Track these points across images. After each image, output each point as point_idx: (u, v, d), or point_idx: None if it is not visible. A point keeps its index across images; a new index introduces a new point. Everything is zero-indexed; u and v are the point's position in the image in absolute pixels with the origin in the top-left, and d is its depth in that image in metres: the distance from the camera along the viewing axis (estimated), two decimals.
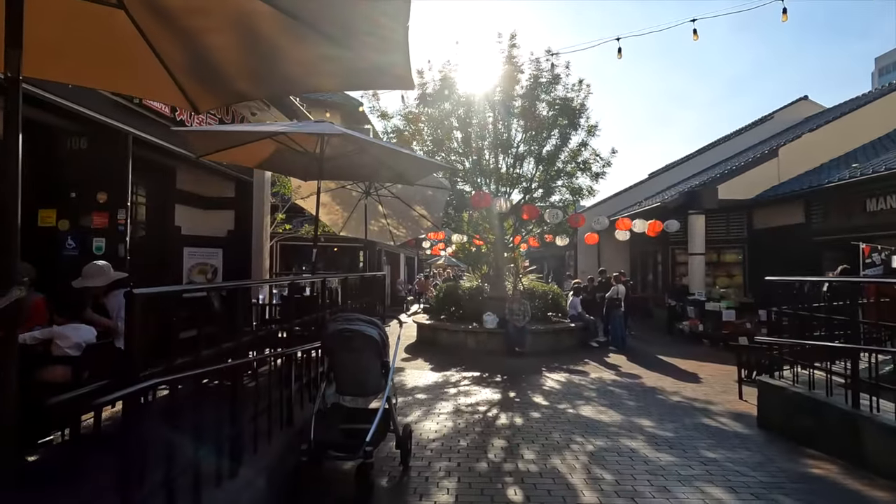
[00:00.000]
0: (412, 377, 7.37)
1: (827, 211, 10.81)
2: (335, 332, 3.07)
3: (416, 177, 4.95)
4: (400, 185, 7.37)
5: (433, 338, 10.59)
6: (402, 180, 5.19)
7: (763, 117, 18.81)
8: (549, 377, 7.38)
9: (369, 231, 8.24)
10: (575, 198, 12.20)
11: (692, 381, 7.17)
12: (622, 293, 10.60)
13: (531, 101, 11.03)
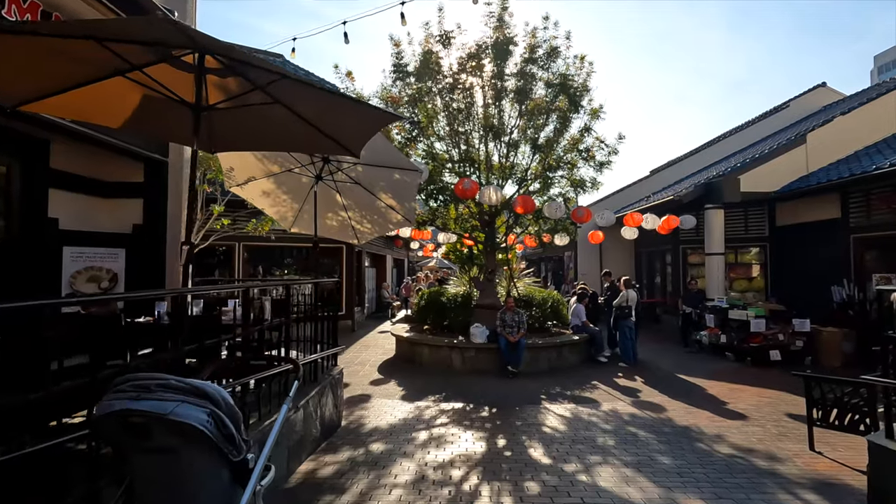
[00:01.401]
0: (376, 411, 5.80)
1: (870, 203, 9.31)
2: (108, 416, 1.47)
3: (356, 138, 3.41)
4: (360, 168, 5.83)
5: (412, 354, 9.02)
6: (336, 150, 3.65)
7: (778, 106, 17.36)
8: (551, 411, 5.82)
9: (328, 227, 6.69)
10: (577, 191, 10.65)
11: (733, 415, 5.62)
12: (633, 300, 9.06)
13: (526, 79, 9.51)
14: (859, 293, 9.30)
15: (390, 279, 21.05)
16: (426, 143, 9.89)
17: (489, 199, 7.68)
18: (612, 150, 10.26)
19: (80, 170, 4.90)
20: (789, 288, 11.18)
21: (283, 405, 1.94)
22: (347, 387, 7.13)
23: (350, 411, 5.77)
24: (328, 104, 3.25)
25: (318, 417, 4.29)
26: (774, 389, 6.92)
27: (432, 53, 9.16)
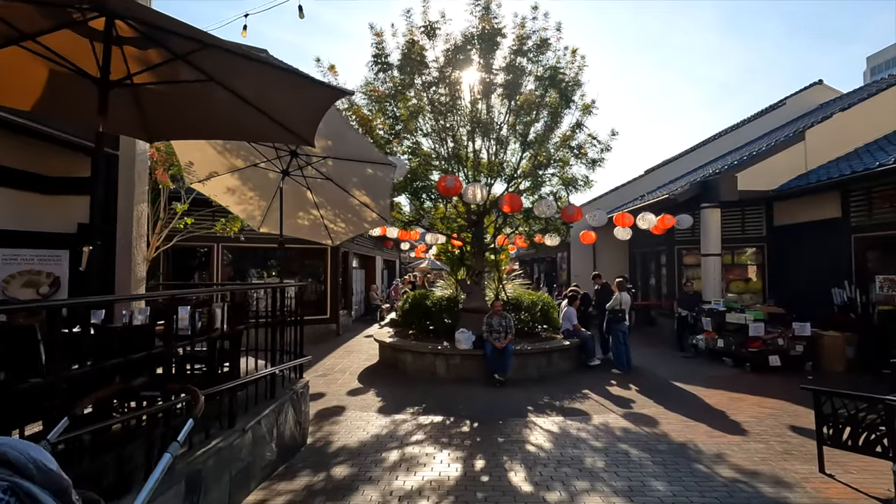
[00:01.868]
0: (347, 427, 5.34)
1: (871, 202, 8.94)
2: None
3: (305, 122, 2.97)
4: (331, 162, 5.39)
5: (395, 361, 8.56)
6: (287, 138, 3.20)
7: (775, 103, 17.04)
8: (537, 425, 5.38)
9: (299, 227, 6.25)
10: (569, 189, 10.22)
11: (733, 429, 5.20)
12: (626, 303, 8.65)
13: (515, 72, 9.09)
14: (861, 295, 8.92)
15: (380, 281, 20.58)
16: (411, 139, 9.46)
17: (473, 197, 7.25)
18: (604, 146, 9.88)
19: (12, 162, 4.42)
20: (788, 290, 10.81)
21: (166, 453, 1.49)
22: (322, 397, 6.68)
23: (319, 426, 5.31)
24: (267, 80, 2.81)
25: (273, 439, 3.84)
26: (776, 399, 6.52)
27: (415, 43, 8.71)
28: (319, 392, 7.00)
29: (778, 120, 16.37)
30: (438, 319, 8.66)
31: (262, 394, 3.97)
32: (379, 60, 8.32)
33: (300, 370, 4.86)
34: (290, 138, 3.19)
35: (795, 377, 7.88)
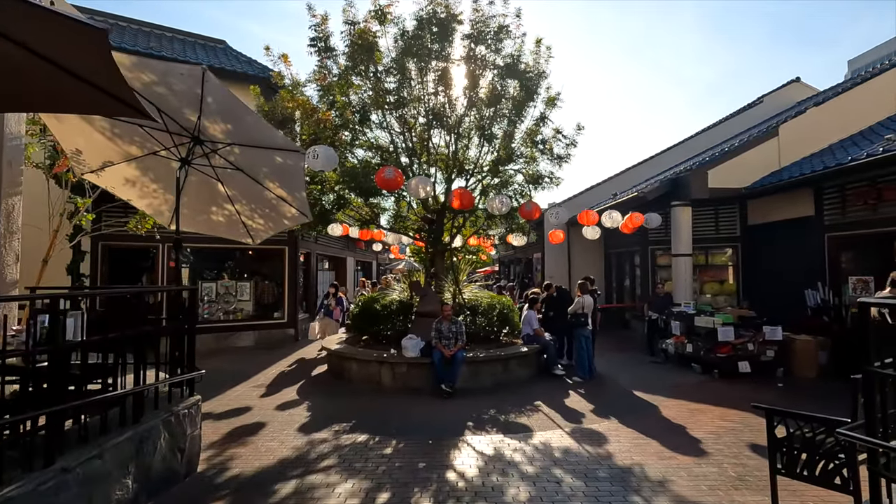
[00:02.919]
0: (257, 448, 4.72)
1: (845, 199, 8.52)
2: None
3: (99, 73, 2.32)
4: (237, 150, 4.77)
5: (341, 370, 7.95)
6: (84, 106, 2.57)
7: (753, 101, 16.73)
8: (470, 445, 4.80)
9: (214, 223, 5.62)
10: (535, 186, 9.68)
11: (687, 448, 4.67)
12: (589, 307, 8.12)
13: (472, 61, 8.54)
14: (834, 297, 8.50)
15: (352, 283, 19.89)
16: (360, 132, 8.85)
17: (416, 191, 6.66)
18: (570, 141, 9.37)
19: None
20: (762, 291, 10.39)
21: None
22: (246, 412, 6.05)
23: (222, 449, 4.68)
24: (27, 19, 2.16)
25: (129, 473, 3.21)
26: (740, 410, 6.02)
27: (367, 31, 8.11)
28: (245, 406, 6.37)
29: (755, 118, 16.06)
30: (388, 324, 8.05)
31: (117, 419, 3.33)
32: (317, 45, 7.69)
33: (191, 386, 4.22)
34: (88, 107, 2.56)
35: (765, 384, 7.44)
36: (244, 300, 11.96)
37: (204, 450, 4.59)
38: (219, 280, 11.81)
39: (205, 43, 13.53)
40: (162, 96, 4.13)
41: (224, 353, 10.38)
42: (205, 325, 11.30)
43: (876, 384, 2.02)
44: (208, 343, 11.12)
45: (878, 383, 2.02)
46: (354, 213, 9.46)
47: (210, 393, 6.93)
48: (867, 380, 2.05)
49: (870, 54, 79.54)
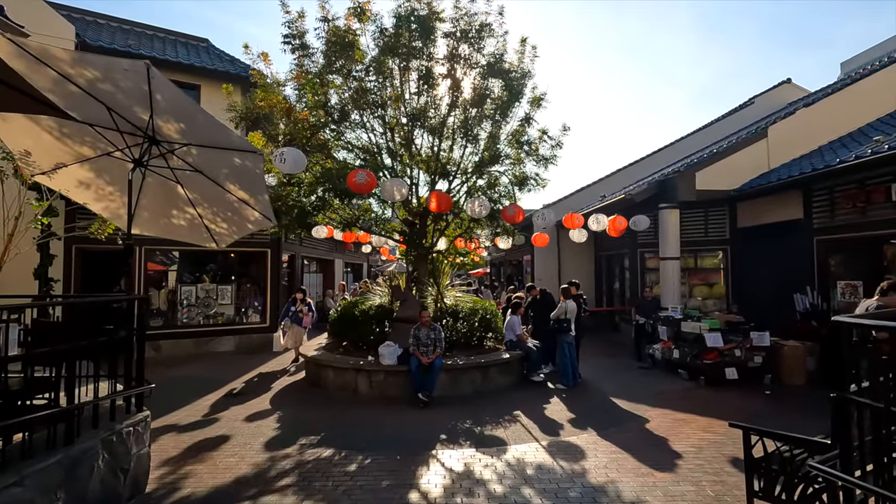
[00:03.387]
0: (215, 466, 4.48)
1: (834, 202, 8.36)
2: None
3: None
4: (195, 150, 4.53)
5: (317, 377, 7.72)
6: None
7: (743, 103, 16.61)
8: (440, 461, 4.58)
9: (176, 227, 5.37)
10: (521, 188, 9.48)
11: (666, 464, 4.47)
12: (572, 312, 7.92)
13: (454, 60, 8.33)
14: (822, 302, 8.34)
15: (340, 286, 19.59)
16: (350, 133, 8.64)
17: (391, 194, 6.43)
18: (556, 142, 9.18)
19: None
20: (752, 295, 10.22)
21: None
22: (212, 424, 5.81)
23: (177, 467, 4.44)
24: None
25: (59, 499, 2.97)
26: (724, 420, 5.74)
27: (348, 29, 7.89)
28: (213, 416, 6.12)
29: (747, 119, 15.93)
30: (366, 330, 7.82)
31: (58, 437, 3.09)
32: (291, 42, 7.45)
33: (139, 401, 3.98)
34: None
35: (752, 392, 7.26)
36: (225, 304, 11.69)
37: (158, 467, 4.35)
38: (199, 283, 11.53)
39: (187, 41, 13.25)
40: (109, 93, 3.88)
41: (202, 359, 10.11)
42: (184, 329, 11.06)
43: (853, 413, 1.81)
44: (187, 348, 10.86)
45: (856, 411, 1.81)
46: (336, 215, 9.22)
47: (180, 402, 6.69)
48: (842, 407, 1.85)
49: (862, 56, 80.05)
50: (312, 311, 9.67)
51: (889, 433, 1.73)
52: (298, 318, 9.34)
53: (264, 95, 7.40)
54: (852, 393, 1.83)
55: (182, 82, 11.75)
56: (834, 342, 7.62)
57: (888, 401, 1.61)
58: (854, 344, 1.88)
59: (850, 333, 1.87)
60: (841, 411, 1.85)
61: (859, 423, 1.90)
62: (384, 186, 6.46)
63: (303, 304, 9.46)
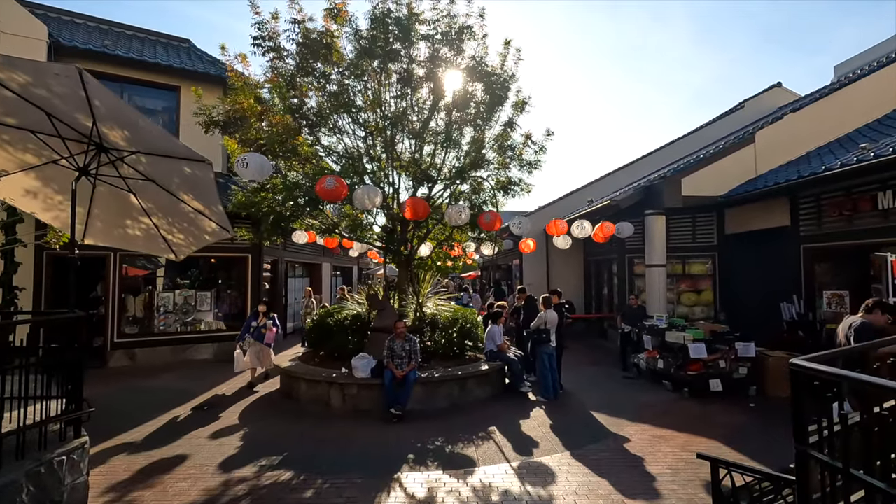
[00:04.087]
0: (164, 491, 4.24)
1: (821, 210, 8.21)
2: None
3: None
4: (144, 159, 4.30)
5: (290, 389, 7.48)
6: None
7: (733, 107, 16.49)
8: (402, 486, 4.36)
9: (131, 238, 5.14)
10: (505, 194, 9.28)
11: (639, 490, 4.26)
12: (552, 322, 7.71)
13: (434, 63, 8.13)
14: (809, 312, 8.18)
15: (329, 290, 19.34)
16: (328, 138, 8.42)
17: (363, 202, 6.21)
18: (539, 147, 9.00)
19: None
20: (740, 302, 10.07)
21: None
22: (170, 444, 5.54)
23: (125, 492, 4.20)
24: None
25: None
26: (705, 437, 5.64)
27: (327, 31, 7.68)
28: (175, 433, 5.87)
29: (736, 123, 15.81)
30: (341, 341, 7.59)
31: None
32: (261, 44, 7.22)
33: (76, 427, 3.74)
34: None
35: (737, 404, 7.08)
36: (204, 310, 11.43)
37: (101, 494, 4.12)
38: (177, 290, 11.26)
39: (167, 42, 13.00)
40: (45, 99, 3.67)
41: (178, 368, 9.84)
42: (160, 337, 10.79)
43: (811, 467, 1.61)
44: (164, 356, 10.60)
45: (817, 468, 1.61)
46: (315, 221, 8.99)
47: (145, 416, 6.45)
48: (801, 461, 1.64)
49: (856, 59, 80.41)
50: (277, 326, 8.49)
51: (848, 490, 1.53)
52: (261, 335, 8.27)
53: (235, 98, 7.17)
54: (812, 444, 1.63)
55: (161, 83, 11.53)
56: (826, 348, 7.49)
57: (846, 461, 1.41)
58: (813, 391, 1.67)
59: (808, 379, 1.67)
60: (801, 466, 1.64)
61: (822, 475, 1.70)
62: (355, 194, 6.24)
63: (266, 318, 8.37)
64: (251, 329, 8.28)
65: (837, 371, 1.50)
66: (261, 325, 8.26)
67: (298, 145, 7.45)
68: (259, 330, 8.24)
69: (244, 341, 8.22)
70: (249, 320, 8.52)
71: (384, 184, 8.70)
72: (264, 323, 8.28)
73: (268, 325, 8.26)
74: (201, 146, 9.82)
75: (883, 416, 1.54)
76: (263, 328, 8.24)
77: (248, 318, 8.75)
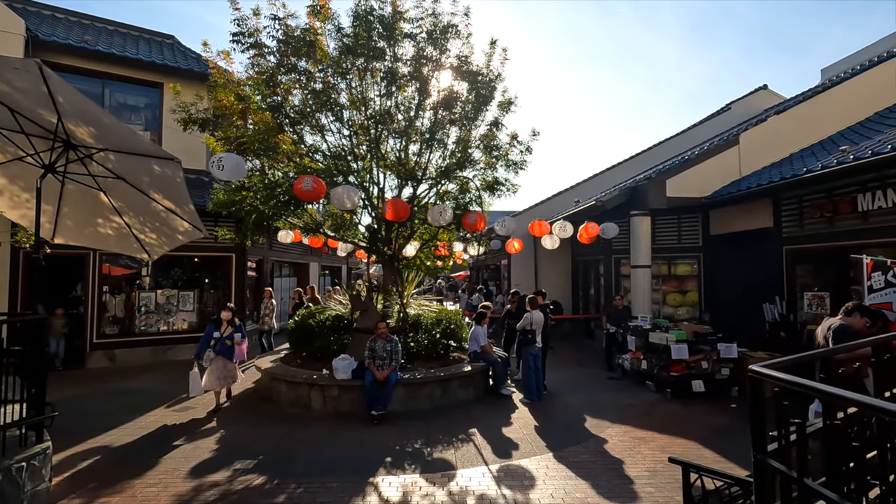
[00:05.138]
0: (130, 496, 4.14)
1: (802, 211, 8.26)
2: None
3: None
4: (113, 156, 4.20)
5: (270, 391, 7.38)
6: None
7: (720, 109, 16.60)
8: (378, 490, 4.30)
9: (102, 237, 5.03)
10: (491, 194, 9.25)
11: (617, 492, 4.24)
12: (538, 323, 7.69)
13: (418, 62, 8.07)
14: (790, 313, 8.23)
15: (318, 289, 19.16)
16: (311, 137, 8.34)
17: (342, 202, 6.13)
18: (525, 147, 8.98)
19: None
20: (724, 303, 10.12)
21: None
22: (149, 444, 5.43)
23: (92, 498, 4.09)
24: None
25: None
26: (686, 438, 5.64)
27: (310, 28, 7.58)
28: (151, 436, 5.76)
29: (723, 125, 15.91)
30: (324, 341, 7.51)
31: None
32: (240, 40, 7.11)
33: (38, 431, 3.63)
34: None
35: (718, 405, 7.11)
36: (186, 310, 11.27)
37: (68, 500, 4.01)
38: (159, 289, 11.09)
39: (150, 38, 12.80)
40: (7, 94, 3.55)
41: (159, 369, 9.68)
42: (141, 337, 10.62)
43: (770, 479, 1.58)
44: (145, 357, 10.44)
45: (777, 481, 1.57)
46: (298, 220, 8.89)
47: (120, 419, 6.32)
48: (759, 470, 1.61)
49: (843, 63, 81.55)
50: (245, 336, 6.92)
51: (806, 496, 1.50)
52: (227, 349, 6.63)
53: (215, 95, 7.06)
54: (770, 454, 1.60)
55: (143, 80, 11.35)
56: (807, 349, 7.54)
57: (801, 471, 1.38)
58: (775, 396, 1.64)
59: (771, 386, 1.64)
60: (759, 476, 1.61)
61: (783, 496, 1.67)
62: (334, 194, 6.15)
63: (231, 328, 6.72)
64: (212, 342, 6.63)
65: (792, 378, 1.47)
66: (225, 336, 6.65)
67: (280, 143, 7.34)
68: (223, 342, 6.63)
69: (202, 358, 6.58)
70: (209, 331, 6.72)
71: (369, 183, 8.63)
72: (230, 334, 6.67)
73: (235, 337, 6.69)
74: (185, 144, 9.84)
75: (837, 425, 1.50)
76: (229, 340, 6.65)
77: (207, 328, 6.83)
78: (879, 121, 9.00)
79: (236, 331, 6.76)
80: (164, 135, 11.13)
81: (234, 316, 6.84)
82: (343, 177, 7.94)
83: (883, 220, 6.86)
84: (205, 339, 6.70)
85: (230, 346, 6.66)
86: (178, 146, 9.44)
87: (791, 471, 1.45)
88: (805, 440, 1.43)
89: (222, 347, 6.64)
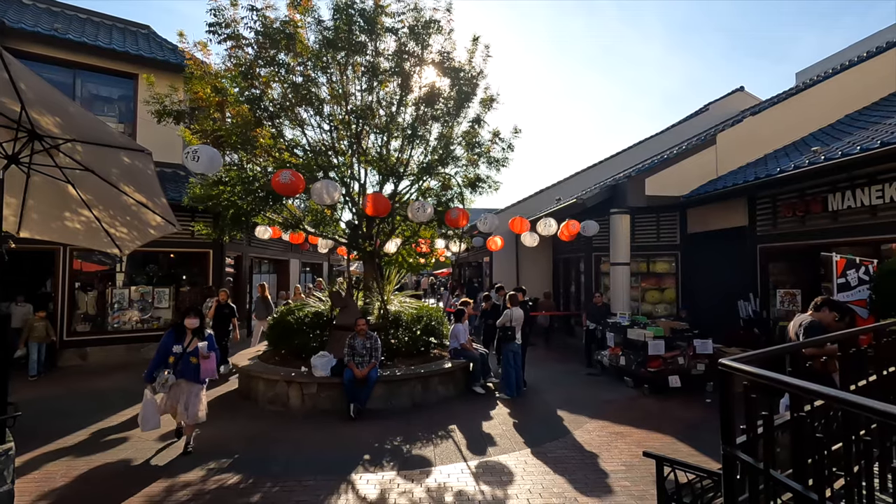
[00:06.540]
0: (104, 498, 4.02)
1: (776, 210, 8.46)
2: None
3: None
4: (80, 147, 4.05)
5: (249, 390, 7.26)
6: None
7: (698, 110, 16.90)
8: (354, 487, 4.26)
9: (70, 231, 4.86)
10: (473, 191, 9.24)
11: (593, 487, 4.28)
12: (518, 319, 7.72)
13: (400, 57, 8.00)
14: (763, 310, 8.43)
15: (301, 286, 18.95)
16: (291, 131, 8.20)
17: (321, 197, 6.05)
18: (507, 144, 9.00)
19: None
20: (701, 300, 10.31)
21: None
22: (119, 445, 5.30)
23: (57, 502, 3.96)
24: None
25: None
26: (662, 433, 5.73)
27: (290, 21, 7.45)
28: (123, 436, 5.62)
29: (701, 125, 16.19)
30: (303, 339, 7.42)
31: None
32: (217, 31, 6.95)
33: (0, 433, 3.49)
34: None
35: (694, 400, 7.24)
36: (162, 307, 11.02)
37: (33, 502, 3.87)
38: (133, 286, 10.81)
39: (125, 27, 12.44)
40: None
41: (133, 367, 9.42)
42: (114, 335, 10.35)
43: (738, 471, 1.60)
44: (119, 355, 10.19)
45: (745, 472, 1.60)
46: (277, 216, 8.74)
47: (90, 419, 6.15)
48: (728, 462, 1.63)
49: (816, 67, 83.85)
50: (216, 349, 5.27)
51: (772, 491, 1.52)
52: (191, 369, 5.00)
53: (191, 87, 6.89)
54: (739, 446, 1.62)
55: (117, 70, 11.02)
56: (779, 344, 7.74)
57: (767, 464, 1.40)
58: (746, 389, 1.66)
59: (741, 380, 1.66)
60: (728, 469, 1.63)
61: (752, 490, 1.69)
62: (313, 188, 6.06)
63: (197, 339, 5.09)
64: (171, 357, 4.99)
65: (760, 371, 1.49)
66: (189, 353, 5.02)
67: (259, 137, 7.21)
68: (186, 359, 5.00)
69: (156, 381, 4.95)
70: (167, 343, 5.06)
71: (350, 179, 8.54)
72: (195, 348, 5.03)
73: (201, 349, 5.00)
74: (160, 137, 9.60)
75: (803, 418, 1.53)
76: (194, 356, 5.01)
77: (163, 340, 5.10)
78: (850, 123, 9.25)
79: (205, 343, 5.08)
80: (138, 127, 10.84)
81: (202, 324, 5.23)
82: (323, 172, 7.84)
83: (851, 219, 7.07)
84: (159, 356, 5.04)
85: (195, 364, 5.00)
86: (154, 139, 9.22)
87: (758, 463, 1.47)
88: (772, 432, 1.45)
89: (185, 367, 4.99)
